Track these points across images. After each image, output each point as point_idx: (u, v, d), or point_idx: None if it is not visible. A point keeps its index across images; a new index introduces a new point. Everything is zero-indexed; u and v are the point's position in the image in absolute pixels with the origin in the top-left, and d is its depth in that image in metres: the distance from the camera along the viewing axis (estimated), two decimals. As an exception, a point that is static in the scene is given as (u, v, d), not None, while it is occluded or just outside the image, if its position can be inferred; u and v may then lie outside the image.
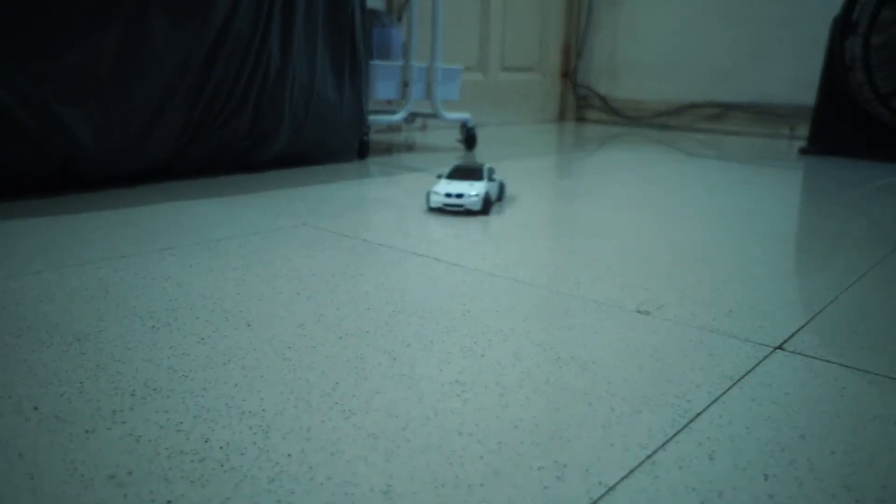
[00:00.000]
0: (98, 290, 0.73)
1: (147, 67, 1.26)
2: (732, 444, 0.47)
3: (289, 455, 0.44)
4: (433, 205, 1.15)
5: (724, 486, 0.42)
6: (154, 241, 0.94)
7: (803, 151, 2.24)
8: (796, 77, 2.71)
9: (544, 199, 1.34)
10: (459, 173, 1.21)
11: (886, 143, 2.10)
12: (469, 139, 2.09)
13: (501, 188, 1.27)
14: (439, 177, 1.24)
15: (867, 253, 1.00)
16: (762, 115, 2.83)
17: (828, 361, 0.62)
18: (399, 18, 2.40)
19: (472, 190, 1.14)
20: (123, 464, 0.42)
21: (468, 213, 1.15)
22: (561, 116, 3.39)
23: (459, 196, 1.13)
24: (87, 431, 0.46)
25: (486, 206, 1.16)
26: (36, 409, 0.49)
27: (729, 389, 0.55)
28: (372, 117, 1.84)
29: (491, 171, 1.23)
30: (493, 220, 1.14)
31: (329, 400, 0.51)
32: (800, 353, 0.63)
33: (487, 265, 0.88)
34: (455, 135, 2.45)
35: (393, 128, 2.55)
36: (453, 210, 1.15)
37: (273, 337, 0.63)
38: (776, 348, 0.64)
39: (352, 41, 1.65)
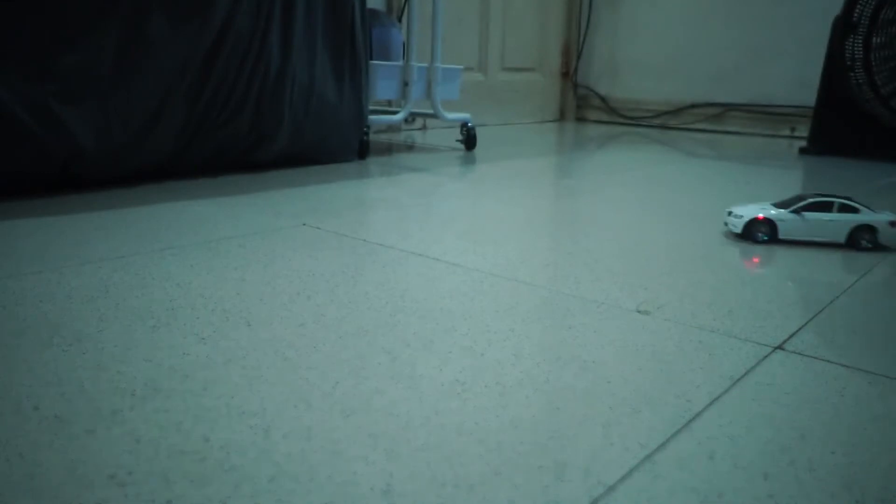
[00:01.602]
0: (98, 290, 0.73)
1: (147, 67, 1.26)
2: (732, 444, 0.47)
3: (289, 455, 0.44)
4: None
5: (724, 486, 0.42)
6: (154, 241, 0.94)
7: (803, 151, 2.24)
8: (796, 77, 2.71)
9: (544, 198, 1.34)
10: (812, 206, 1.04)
11: (886, 143, 2.10)
12: (469, 139, 2.09)
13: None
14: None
15: (867, 253, 1.00)
16: (762, 115, 2.83)
17: (828, 361, 0.62)
18: (399, 18, 2.40)
19: (775, 215, 1.04)
20: (123, 464, 0.42)
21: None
22: (561, 116, 3.39)
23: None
24: (87, 431, 0.46)
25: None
26: (36, 409, 0.49)
27: (729, 389, 0.55)
28: (372, 117, 1.84)
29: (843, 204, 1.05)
30: (493, 219, 1.14)
31: (329, 400, 0.51)
32: (800, 353, 0.63)
33: (487, 265, 0.88)
34: (455, 135, 2.45)
35: (393, 128, 2.55)
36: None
37: (273, 337, 0.63)
38: (776, 348, 0.64)
39: (352, 41, 1.65)
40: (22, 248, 0.88)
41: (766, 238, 1.04)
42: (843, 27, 2.08)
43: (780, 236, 1.04)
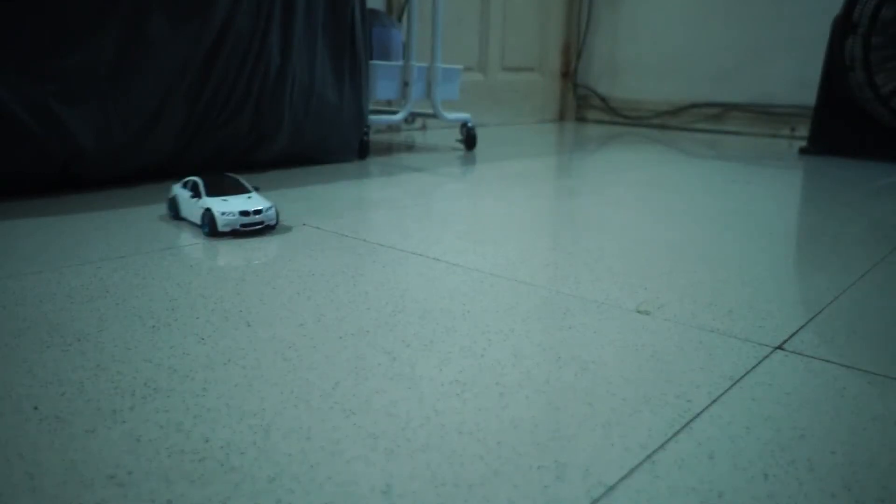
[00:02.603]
0: (98, 290, 0.73)
1: (147, 68, 1.26)
2: (732, 444, 0.47)
3: (289, 455, 0.44)
4: (225, 228, 0.96)
5: (724, 486, 0.42)
6: (154, 241, 0.94)
7: (803, 151, 2.24)
8: (796, 77, 2.71)
9: (544, 198, 1.34)
10: (216, 188, 1.02)
11: (886, 143, 2.10)
12: (469, 139, 2.09)
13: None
14: (190, 196, 1.02)
15: (867, 253, 1.00)
16: (762, 115, 2.83)
17: (828, 361, 0.62)
18: (399, 18, 2.40)
19: (262, 204, 0.99)
20: (123, 464, 0.42)
21: (265, 229, 1.00)
22: (561, 116, 3.39)
23: (258, 213, 0.98)
24: (87, 431, 0.46)
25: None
26: (36, 409, 0.49)
27: (729, 389, 0.55)
28: (372, 117, 1.84)
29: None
30: (493, 219, 1.14)
31: (329, 400, 0.51)
32: (800, 353, 0.63)
33: (487, 265, 0.88)
34: (455, 135, 2.45)
35: (393, 128, 2.55)
36: (250, 230, 0.98)
37: (273, 337, 0.63)
38: (776, 348, 0.64)
39: (352, 41, 1.65)
40: (22, 248, 0.88)
41: (171, 214, 1.06)
42: (843, 27, 2.08)
43: (181, 214, 1.05)
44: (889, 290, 0.83)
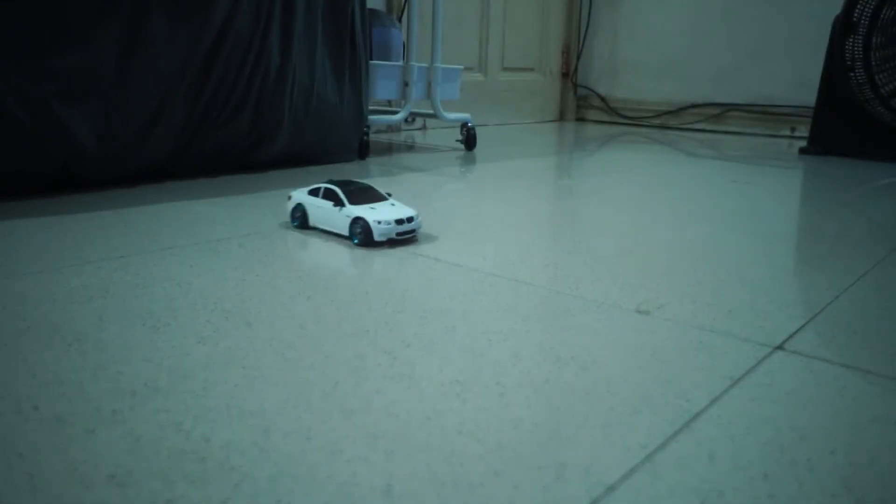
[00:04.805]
0: (98, 290, 0.73)
1: (147, 68, 1.26)
2: (732, 444, 0.47)
3: (289, 455, 0.44)
4: (381, 237, 0.94)
5: (724, 486, 0.42)
6: (154, 241, 0.94)
7: (803, 151, 2.24)
8: (796, 77, 2.71)
9: (544, 199, 1.34)
10: (357, 196, 0.99)
11: (886, 143, 2.10)
12: (469, 139, 2.09)
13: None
14: (332, 205, 0.98)
15: (867, 253, 1.00)
16: (762, 115, 2.83)
17: (828, 361, 0.62)
18: (399, 18, 2.40)
19: (409, 211, 0.97)
20: (123, 464, 0.42)
21: (412, 238, 0.99)
22: (561, 116, 3.39)
23: (411, 220, 0.96)
24: (87, 431, 0.46)
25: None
26: (36, 409, 0.49)
27: (729, 389, 0.55)
28: (372, 117, 1.84)
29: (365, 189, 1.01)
30: (493, 219, 1.14)
31: (329, 400, 0.51)
32: (800, 353, 0.63)
33: (487, 265, 0.88)
34: (455, 135, 2.45)
35: (393, 128, 2.55)
36: (404, 238, 0.97)
37: (273, 337, 0.63)
38: (776, 348, 0.64)
39: (352, 41, 1.65)
40: (22, 248, 0.88)
41: (296, 223, 1.02)
42: (843, 27, 2.08)
43: (311, 223, 1.01)
44: (889, 290, 0.83)
